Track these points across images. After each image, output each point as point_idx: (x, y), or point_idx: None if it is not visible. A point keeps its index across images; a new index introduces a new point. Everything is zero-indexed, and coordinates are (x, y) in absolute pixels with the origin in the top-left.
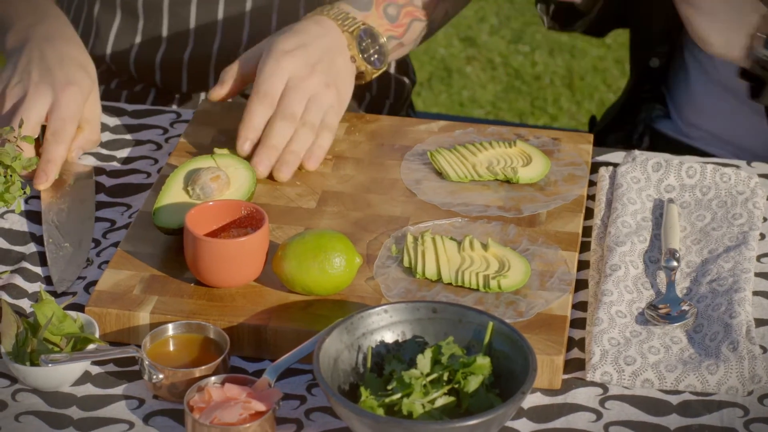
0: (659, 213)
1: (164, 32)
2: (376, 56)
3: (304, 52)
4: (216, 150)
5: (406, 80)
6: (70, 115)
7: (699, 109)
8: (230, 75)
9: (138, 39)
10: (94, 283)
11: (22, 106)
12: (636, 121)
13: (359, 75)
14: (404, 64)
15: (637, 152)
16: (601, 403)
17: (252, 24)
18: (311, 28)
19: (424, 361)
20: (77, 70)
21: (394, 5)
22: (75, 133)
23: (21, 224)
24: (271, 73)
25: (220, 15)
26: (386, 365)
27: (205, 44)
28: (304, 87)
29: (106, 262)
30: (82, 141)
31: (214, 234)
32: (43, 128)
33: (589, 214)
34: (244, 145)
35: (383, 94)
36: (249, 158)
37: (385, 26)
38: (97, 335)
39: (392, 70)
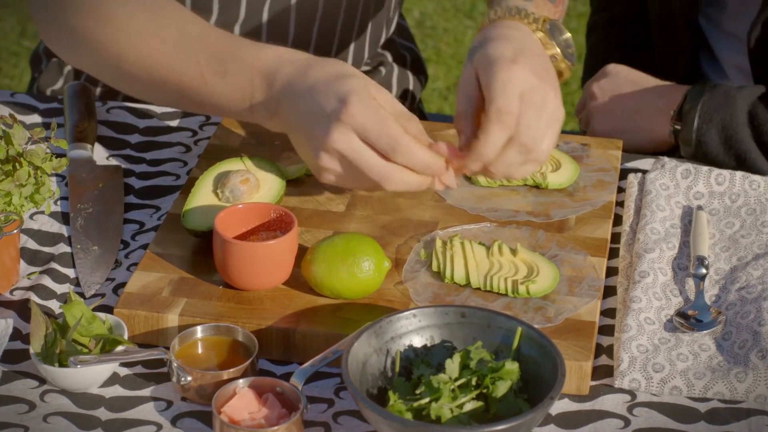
0: (688, 220)
1: None
2: (568, 49)
3: (525, 59)
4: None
5: (422, 79)
6: (381, 121)
7: None
8: (462, 117)
9: None
10: (122, 284)
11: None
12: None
13: (558, 74)
14: (420, 63)
15: (666, 159)
16: (629, 409)
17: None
18: (510, 33)
19: (452, 365)
20: (333, 84)
21: None
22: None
23: (50, 225)
24: (504, 87)
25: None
26: (415, 369)
27: None
28: (539, 103)
29: (135, 264)
30: (415, 130)
31: (243, 237)
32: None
33: (617, 220)
34: (475, 165)
35: (403, 96)
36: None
37: (551, 9)
38: (125, 337)
39: (409, 69)
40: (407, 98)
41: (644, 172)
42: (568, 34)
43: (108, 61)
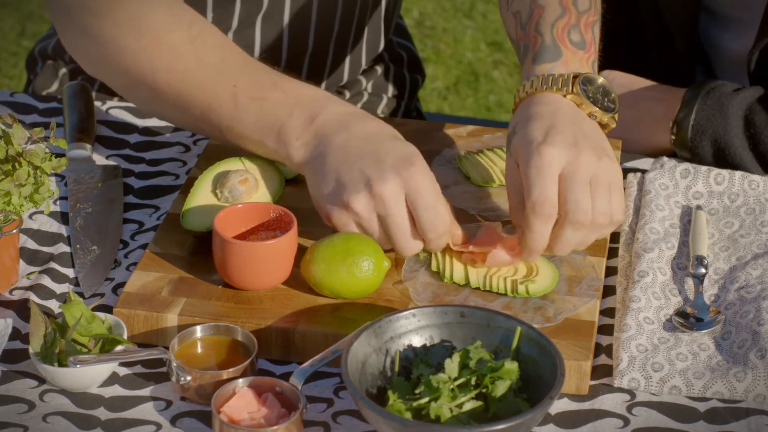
0: (687, 220)
1: None
2: (606, 100)
3: (557, 135)
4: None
5: (419, 78)
6: (436, 196)
7: None
8: (515, 211)
9: None
10: (122, 284)
11: (385, 217)
12: None
13: (602, 127)
14: (417, 62)
15: (665, 159)
16: (629, 409)
17: (291, 41)
18: (539, 110)
19: (452, 365)
20: (397, 142)
21: (573, 28)
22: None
23: (50, 225)
24: (539, 174)
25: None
26: (414, 369)
27: None
28: (583, 173)
29: (134, 263)
30: (451, 215)
31: (242, 236)
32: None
33: None
34: (532, 257)
35: (400, 95)
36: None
37: (582, 58)
38: (125, 336)
39: (406, 68)
40: (404, 97)
41: (643, 171)
42: (601, 81)
43: (136, 75)
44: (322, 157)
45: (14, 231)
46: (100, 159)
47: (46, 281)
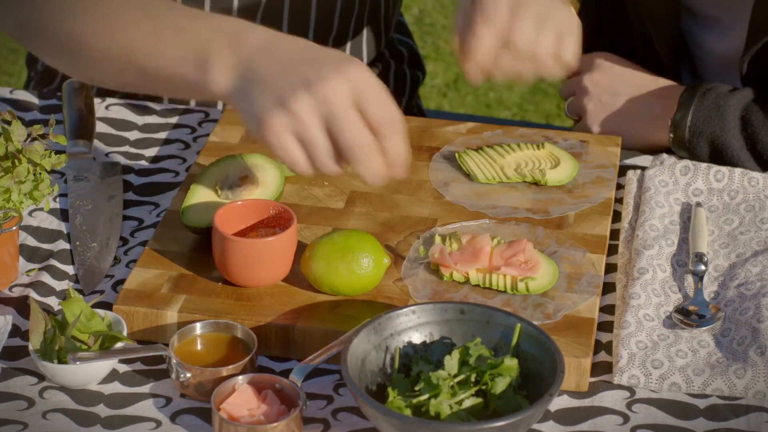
0: (687, 217)
1: None
2: None
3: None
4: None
5: (419, 74)
6: (383, 90)
7: None
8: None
9: None
10: (122, 281)
11: (329, 113)
12: None
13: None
14: (417, 58)
15: (665, 156)
16: (628, 406)
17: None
18: None
19: (451, 362)
20: (334, 50)
21: None
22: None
23: (49, 222)
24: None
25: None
26: (414, 366)
27: None
28: (527, 7)
29: (134, 260)
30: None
31: (242, 233)
32: None
33: (616, 217)
34: (474, 72)
35: (401, 92)
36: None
37: None
38: (124, 333)
39: (406, 65)
40: (404, 94)
41: (643, 168)
42: None
43: (59, 30)
44: (252, 76)
45: (14, 228)
46: (99, 156)
47: (46, 278)
